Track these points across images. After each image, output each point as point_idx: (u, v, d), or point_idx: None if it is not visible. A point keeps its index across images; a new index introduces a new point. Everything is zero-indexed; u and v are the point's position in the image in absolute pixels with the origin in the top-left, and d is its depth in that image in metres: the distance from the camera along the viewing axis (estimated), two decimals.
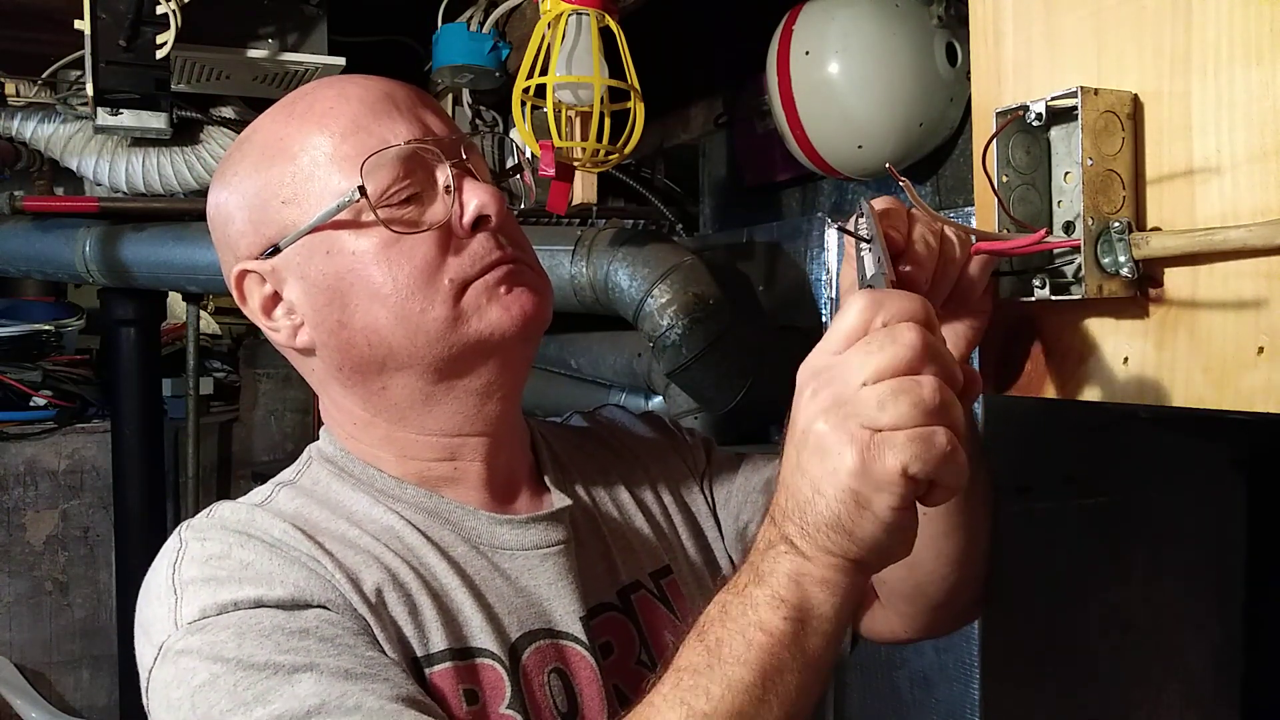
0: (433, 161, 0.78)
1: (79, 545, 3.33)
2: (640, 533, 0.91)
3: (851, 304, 0.60)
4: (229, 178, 0.82)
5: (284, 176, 0.78)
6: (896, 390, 0.56)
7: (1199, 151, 0.68)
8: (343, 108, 0.78)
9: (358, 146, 0.76)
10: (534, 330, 0.80)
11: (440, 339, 0.77)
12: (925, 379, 0.57)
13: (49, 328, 3.23)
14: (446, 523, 0.80)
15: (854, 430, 0.57)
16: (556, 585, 0.81)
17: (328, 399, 0.84)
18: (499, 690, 0.75)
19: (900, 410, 0.56)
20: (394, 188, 0.76)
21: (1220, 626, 1.60)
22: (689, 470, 0.99)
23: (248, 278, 0.81)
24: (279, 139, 0.79)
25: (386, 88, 0.80)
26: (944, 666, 1.38)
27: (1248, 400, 0.65)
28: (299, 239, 0.77)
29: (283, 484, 0.82)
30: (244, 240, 0.80)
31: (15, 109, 2.07)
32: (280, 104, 0.82)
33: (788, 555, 0.61)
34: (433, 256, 0.76)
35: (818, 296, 1.62)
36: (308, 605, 0.70)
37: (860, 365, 0.57)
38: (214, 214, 0.84)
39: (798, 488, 0.60)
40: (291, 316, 0.80)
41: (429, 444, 0.82)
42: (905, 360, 0.57)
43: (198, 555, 0.72)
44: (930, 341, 0.58)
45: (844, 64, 1.41)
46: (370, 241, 0.76)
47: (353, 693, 0.65)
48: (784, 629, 0.60)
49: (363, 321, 0.77)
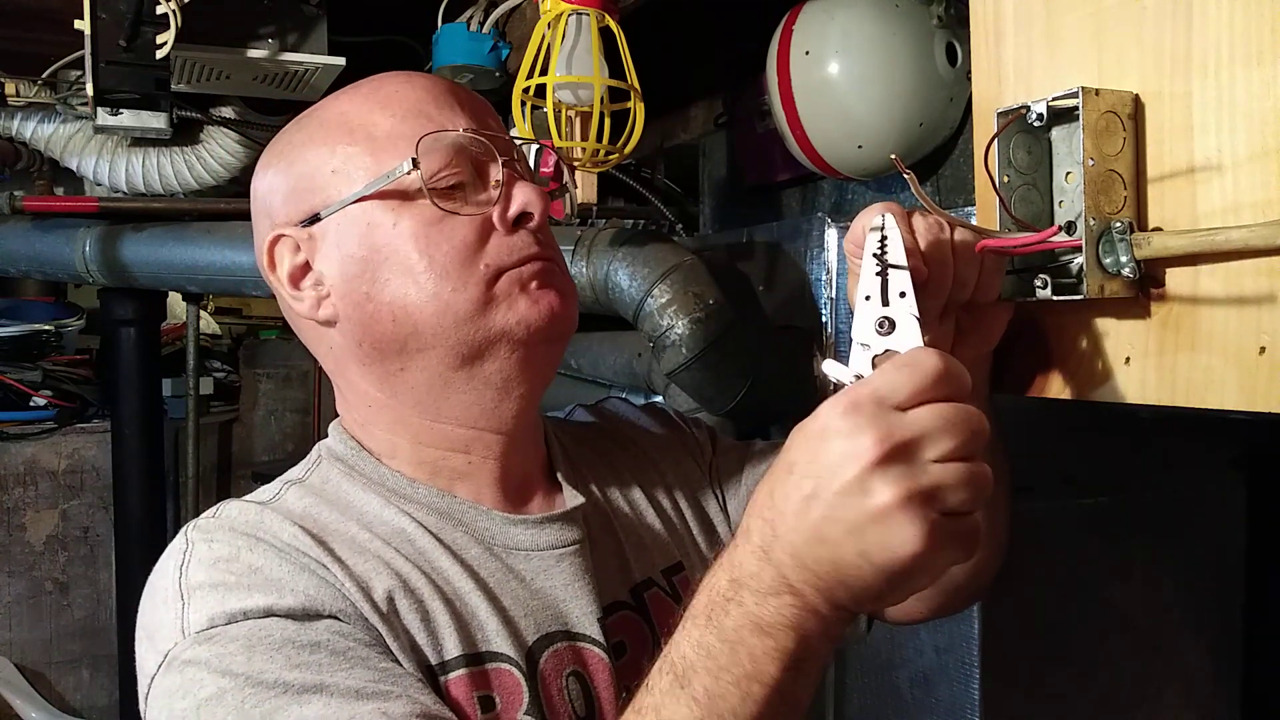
0: (485, 157, 0.80)
1: (79, 545, 3.33)
2: (652, 529, 0.90)
3: (918, 362, 0.57)
4: (283, 148, 0.83)
5: (338, 148, 0.79)
6: (971, 478, 0.56)
7: (1200, 151, 0.68)
8: (408, 92, 0.80)
9: (416, 128, 0.78)
10: (559, 330, 0.80)
11: (467, 321, 0.76)
12: (988, 469, 0.57)
13: (49, 328, 3.23)
14: (459, 524, 0.79)
15: (929, 515, 0.55)
16: (573, 586, 0.80)
17: (343, 380, 0.83)
18: (516, 696, 0.73)
19: (968, 499, 0.56)
20: (444, 172, 0.77)
21: (1220, 626, 1.60)
22: (696, 463, 0.99)
23: (281, 242, 0.81)
24: (340, 114, 0.81)
25: (451, 86, 0.83)
26: (944, 666, 1.38)
27: (1248, 400, 0.65)
28: (342, 208, 0.78)
29: (291, 482, 0.81)
30: (286, 207, 0.81)
31: (15, 109, 2.08)
32: (346, 88, 0.84)
33: (794, 608, 0.58)
34: (472, 240, 0.77)
35: (818, 296, 1.62)
36: (319, 615, 0.68)
37: (935, 441, 0.56)
38: (258, 182, 0.84)
39: (838, 545, 0.56)
40: (318, 288, 0.80)
41: (443, 433, 0.81)
42: (974, 448, 0.56)
43: (205, 558, 0.71)
44: (988, 428, 0.58)
45: (844, 64, 1.41)
46: (412, 218, 0.77)
47: (363, 714, 0.64)
48: (781, 679, 0.58)
49: (391, 296, 0.77)
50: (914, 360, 0.58)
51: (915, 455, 0.56)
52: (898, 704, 1.45)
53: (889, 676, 1.47)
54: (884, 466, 0.55)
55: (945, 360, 0.58)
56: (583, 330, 1.93)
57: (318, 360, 0.86)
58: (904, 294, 0.64)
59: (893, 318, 0.63)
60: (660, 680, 0.61)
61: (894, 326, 0.63)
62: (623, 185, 2.10)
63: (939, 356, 0.58)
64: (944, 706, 1.38)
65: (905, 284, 0.64)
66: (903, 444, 0.55)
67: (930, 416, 0.56)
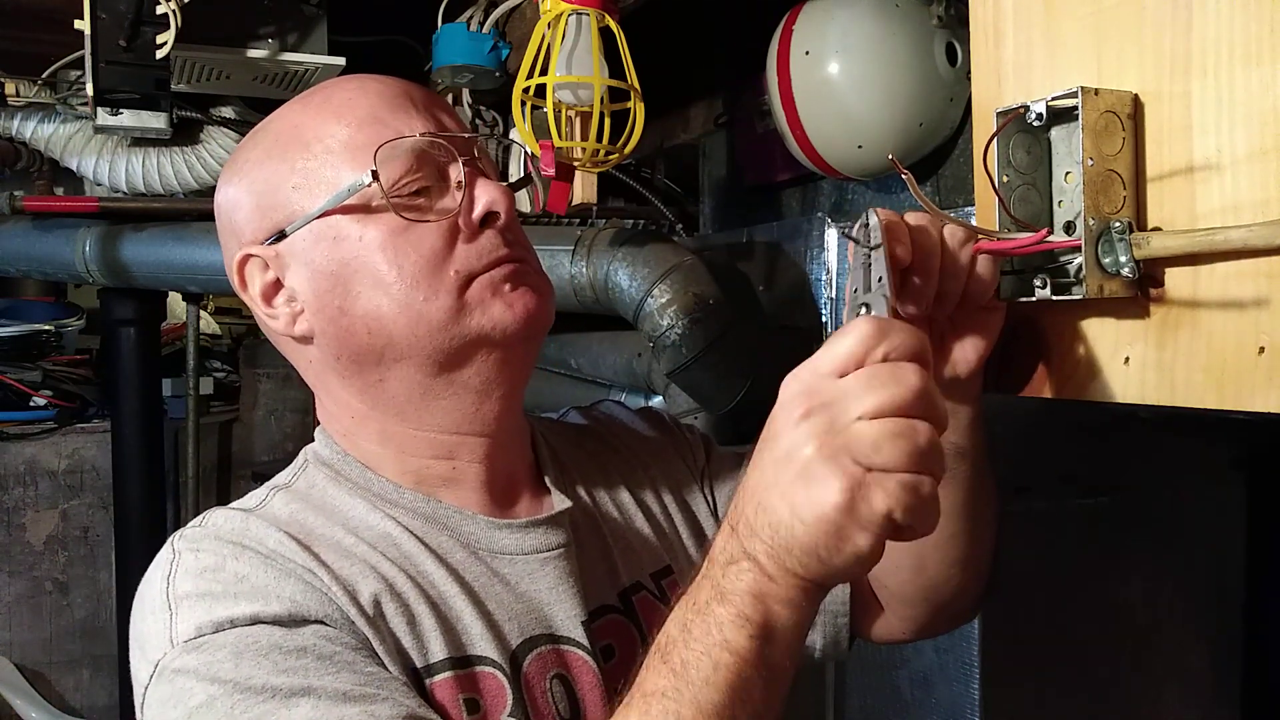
0: (445, 159, 0.79)
1: (79, 545, 3.33)
2: (640, 533, 0.90)
3: (853, 329, 0.59)
4: (241, 164, 0.82)
5: (296, 163, 0.78)
6: (895, 433, 0.56)
7: (1199, 151, 0.68)
8: (360, 100, 0.79)
9: (372, 136, 0.77)
10: (536, 330, 0.80)
11: (441, 329, 0.76)
12: (921, 425, 0.56)
13: (49, 328, 3.23)
14: (444, 528, 0.79)
15: (846, 465, 0.56)
16: (557, 590, 0.80)
17: (324, 392, 0.84)
18: (500, 699, 0.74)
19: (895, 454, 0.56)
20: (405, 179, 0.76)
21: (1220, 626, 1.61)
22: (689, 469, 0.99)
23: (250, 263, 0.80)
24: (294, 127, 0.80)
25: (404, 86, 0.81)
26: (944, 666, 1.38)
27: (1248, 400, 0.65)
28: (306, 224, 0.77)
29: (278, 488, 0.81)
30: (250, 225, 0.80)
31: (15, 109, 2.07)
32: (298, 97, 0.83)
33: (751, 573, 0.60)
34: (439, 247, 0.76)
35: (818, 296, 1.62)
36: (305, 621, 0.69)
37: (859, 398, 0.56)
38: (221, 200, 0.84)
39: (773, 508, 0.58)
40: (291, 304, 0.79)
41: (426, 441, 0.81)
42: (905, 403, 0.56)
43: (191, 568, 0.71)
44: (929, 386, 0.57)
45: (844, 64, 1.41)
46: (378, 229, 0.76)
47: (350, 716, 0.64)
48: (749, 647, 0.59)
49: (364, 309, 0.76)
50: (851, 329, 0.59)
51: (837, 413, 0.57)
52: (898, 704, 1.45)
53: (889, 676, 1.47)
54: (803, 424, 0.57)
55: (879, 322, 0.58)
56: (583, 330, 1.94)
57: (299, 373, 0.86)
58: (880, 279, 0.64)
59: (869, 302, 0.64)
60: (649, 659, 0.63)
61: (869, 310, 0.63)
62: (623, 185, 2.10)
63: (873, 321, 0.59)
64: (944, 706, 1.38)
65: (882, 269, 0.64)
66: (823, 404, 0.57)
67: (855, 377, 0.57)
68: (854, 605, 0.96)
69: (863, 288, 0.65)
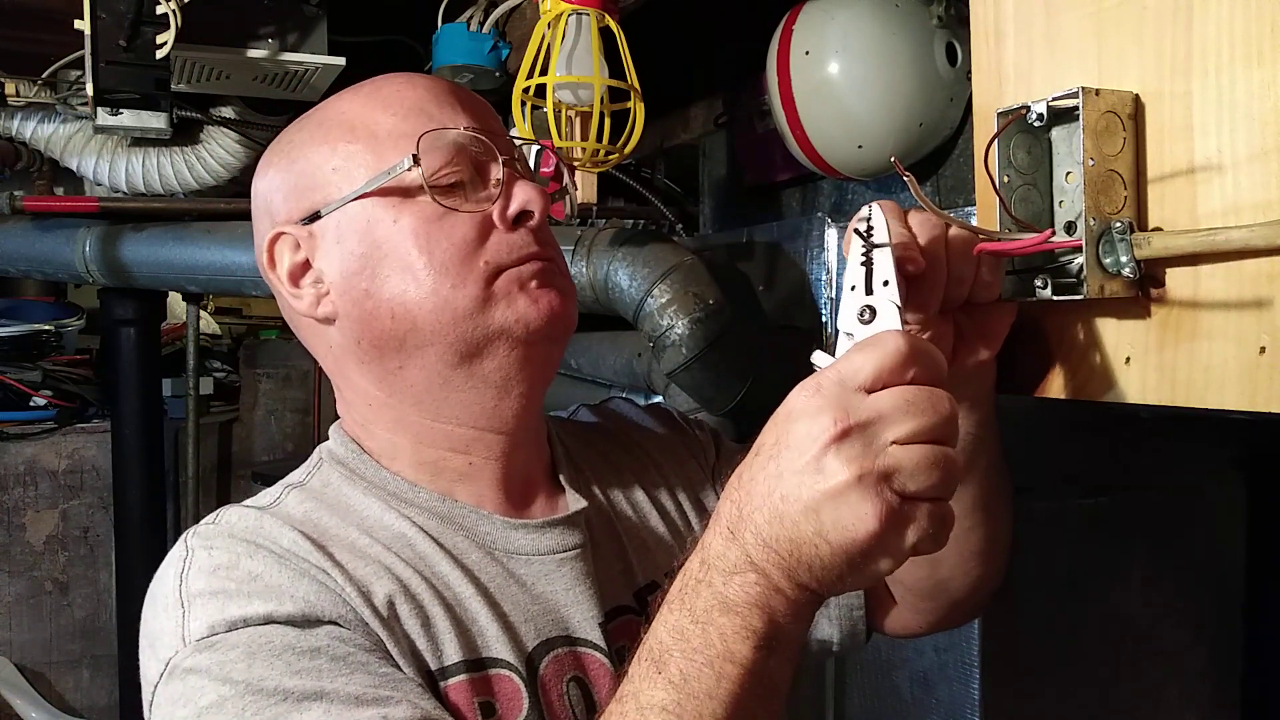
0: (485, 157, 0.80)
1: (79, 545, 3.33)
2: (655, 532, 0.90)
3: (881, 344, 0.58)
4: (284, 147, 0.83)
5: (339, 146, 0.79)
6: (932, 462, 0.55)
7: (1200, 151, 0.68)
8: (408, 92, 0.81)
9: (417, 126, 0.78)
10: (559, 329, 0.80)
11: (466, 318, 0.76)
12: (953, 453, 0.56)
13: (49, 328, 3.23)
14: (460, 528, 0.79)
15: (885, 493, 0.55)
16: (574, 591, 0.80)
17: (342, 379, 0.83)
18: (516, 702, 0.73)
19: (932, 483, 0.55)
20: (445, 170, 0.78)
21: (1220, 626, 1.61)
22: (700, 466, 0.99)
23: (281, 240, 0.81)
24: (340, 113, 0.81)
25: (451, 86, 0.83)
26: (944, 666, 1.38)
27: (1248, 400, 0.65)
28: (343, 205, 0.78)
29: (292, 486, 0.81)
30: (286, 205, 0.81)
31: (15, 109, 2.08)
32: (347, 89, 0.84)
33: (759, 585, 0.58)
34: (472, 238, 0.77)
35: (818, 296, 1.62)
36: (319, 622, 0.68)
37: (896, 422, 0.56)
38: (259, 182, 0.85)
39: (795, 523, 0.57)
40: (318, 285, 0.80)
41: (443, 433, 0.80)
42: (941, 432, 0.56)
43: (205, 565, 0.70)
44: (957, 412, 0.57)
45: (844, 64, 1.41)
46: (413, 215, 0.77)
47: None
48: (755, 659, 0.58)
49: (390, 293, 0.77)
50: (879, 342, 0.58)
51: (873, 436, 0.56)
52: (898, 704, 1.45)
53: (889, 676, 1.47)
54: (840, 446, 0.56)
55: (912, 341, 0.58)
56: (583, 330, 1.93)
57: (317, 360, 0.86)
58: (887, 282, 0.63)
59: (874, 306, 0.63)
60: (639, 667, 0.61)
61: (875, 314, 0.63)
62: (623, 185, 2.10)
63: (904, 337, 0.58)
64: (944, 706, 1.38)
65: (888, 271, 0.63)
66: (860, 424, 0.56)
67: (891, 398, 0.56)
68: (868, 599, 0.96)
69: (864, 288, 0.64)
